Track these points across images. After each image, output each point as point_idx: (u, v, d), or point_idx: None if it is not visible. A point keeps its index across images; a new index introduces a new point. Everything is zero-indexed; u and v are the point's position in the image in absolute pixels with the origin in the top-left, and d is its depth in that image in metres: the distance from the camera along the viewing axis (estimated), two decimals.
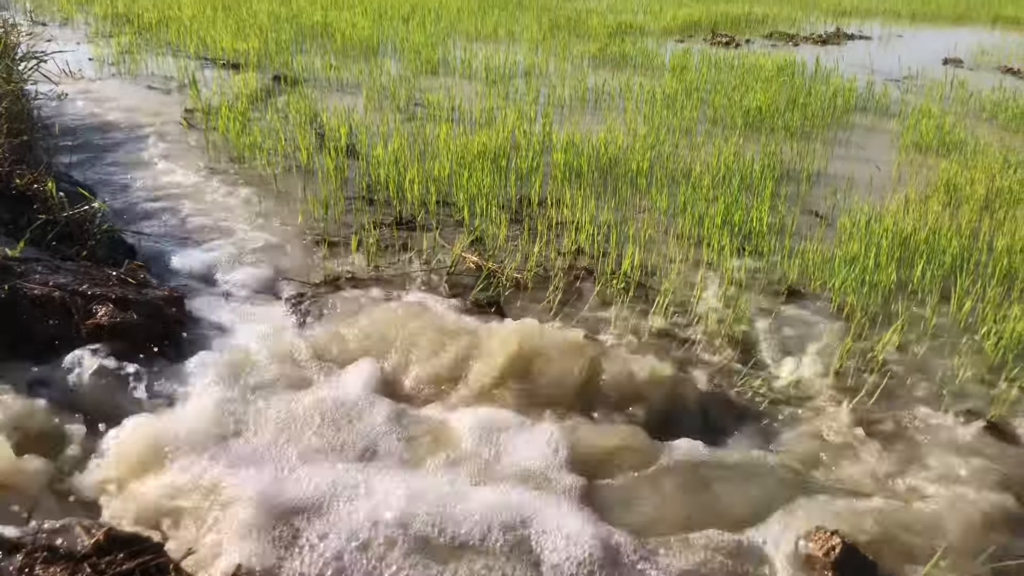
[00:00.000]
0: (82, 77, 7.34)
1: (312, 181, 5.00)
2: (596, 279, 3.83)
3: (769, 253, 4.21)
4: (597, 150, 5.65)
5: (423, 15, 11.21)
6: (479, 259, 3.86)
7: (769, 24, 12.59)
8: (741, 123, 6.58)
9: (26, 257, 2.87)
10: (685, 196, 4.77)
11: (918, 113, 7.08)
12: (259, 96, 6.92)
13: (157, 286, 3.11)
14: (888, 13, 14.60)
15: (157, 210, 4.34)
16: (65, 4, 10.93)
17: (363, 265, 3.85)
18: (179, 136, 5.78)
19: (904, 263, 4.08)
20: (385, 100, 7.04)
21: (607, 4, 13.58)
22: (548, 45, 9.76)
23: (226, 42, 8.75)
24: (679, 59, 9.01)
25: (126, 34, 9.24)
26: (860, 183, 5.40)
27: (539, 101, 7.23)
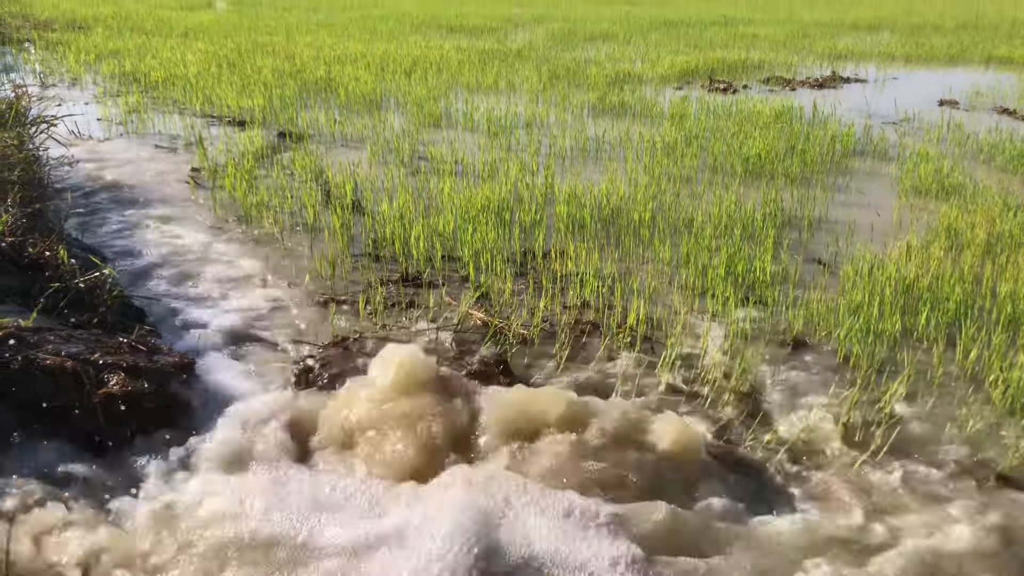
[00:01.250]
0: (90, 138, 7.46)
1: (319, 239, 5.06)
2: (602, 333, 3.85)
3: (773, 303, 4.23)
4: (599, 201, 5.72)
5: (425, 69, 11.40)
6: (485, 316, 3.89)
7: (766, 69, 12.76)
8: (741, 170, 6.65)
9: (39, 327, 2.91)
10: (688, 247, 4.81)
11: (916, 157, 7.15)
12: (264, 153, 7.02)
13: (167, 352, 3.14)
14: (883, 55, 14.80)
15: (165, 272, 4.39)
16: (74, 65, 11.14)
17: (371, 324, 3.88)
18: (186, 195, 5.86)
19: (908, 311, 4.10)
20: (389, 154, 7.14)
21: (605, 54, 13.80)
22: (548, 95, 9.91)
23: (231, 99, 8.90)
24: (677, 107, 9.14)
25: (133, 93, 9.40)
26: (861, 229, 5.44)
27: (541, 152, 7.32)
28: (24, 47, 13.10)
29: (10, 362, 2.65)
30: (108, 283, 3.58)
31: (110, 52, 12.32)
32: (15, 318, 2.90)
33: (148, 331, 3.34)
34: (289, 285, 4.33)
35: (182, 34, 14.73)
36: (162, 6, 20.43)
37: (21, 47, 13.11)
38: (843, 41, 16.81)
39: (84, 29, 15.30)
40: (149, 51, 12.37)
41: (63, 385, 2.69)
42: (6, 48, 13.10)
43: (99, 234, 4.96)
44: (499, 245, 4.90)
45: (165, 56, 11.74)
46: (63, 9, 18.48)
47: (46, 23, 16.09)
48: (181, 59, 11.45)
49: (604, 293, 4.29)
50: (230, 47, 12.88)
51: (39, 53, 12.44)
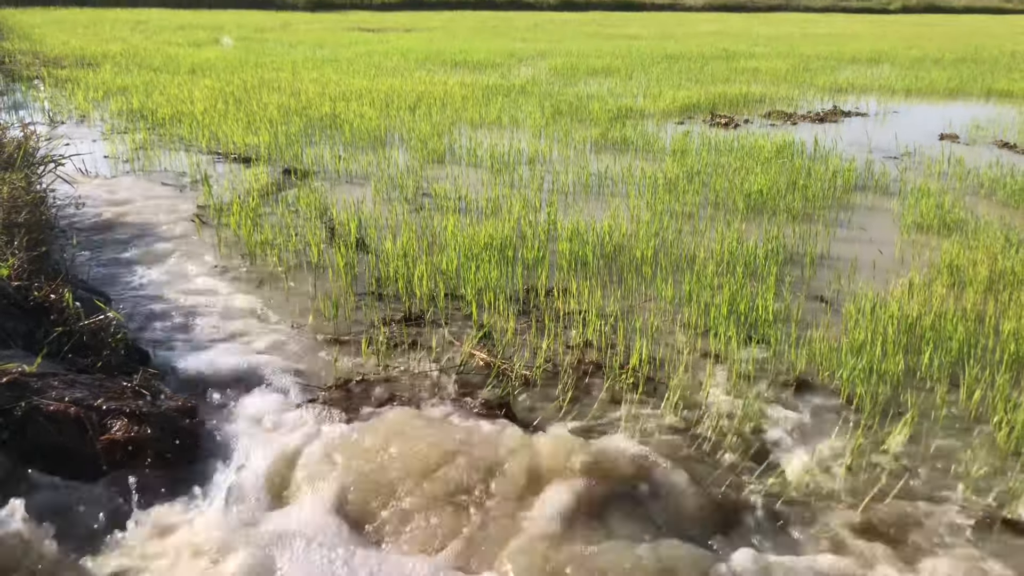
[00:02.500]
0: (97, 176, 7.54)
1: (322, 278, 5.08)
2: (605, 374, 3.85)
3: (776, 342, 4.23)
4: (601, 238, 5.75)
5: (429, 104, 11.51)
6: (488, 356, 3.90)
7: (767, 103, 12.87)
8: (743, 206, 6.68)
9: (43, 372, 2.92)
10: (690, 285, 4.83)
11: (917, 192, 7.18)
12: (270, 190, 7.08)
13: (171, 396, 3.15)
14: (883, 89, 14.91)
15: (170, 313, 4.41)
16: (82, 102, 11.28)
17: (373, 365, 3.89)
18: (191, 234, 5.91)
19: (911, 350, 4.10)
20: (393, 191, 7.19)
21: (607, 88, 13.93)
22: (551, 131, 9.99)
23: (237, 136, 9.00)
24: (679, 142, 9.20)
25: (140, 130, 9.51)
26: (864, 265, 5.45)
27: (543, 188, 7.37)
28: (34, 84, 13.27)
29: (13, 408, 2.66)
30: (112, 326, 3.60)
31: (118, 89, 12.47)
32: (20, 363, 2.92)
33: (152, 374, 3.35)
34: (292, 325, 4.34)
35: (189, 71, 14.91)
36: (170, 43, 20.70)
37: (31, 84, 13.29)
38: (844, 74, 16.95)
39: (93, 66, 15.50)
40: (157, 87, 12.53)
41: (66, 431, 2.70)
42: (16, 85, 13.28)
43: (104, 273, 5.00)
44: (502, 283, 4.93)
45: (172, 93, 11.88)
46: (73, 47, 18.73)
47: (56, 60, 16.31)
48: (188, 96, 11.59)
49: (607, 332, 4.30)
50: (236, 83, 13.03)
51: (48, 90, 12.60)
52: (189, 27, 27.12)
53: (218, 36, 23.77)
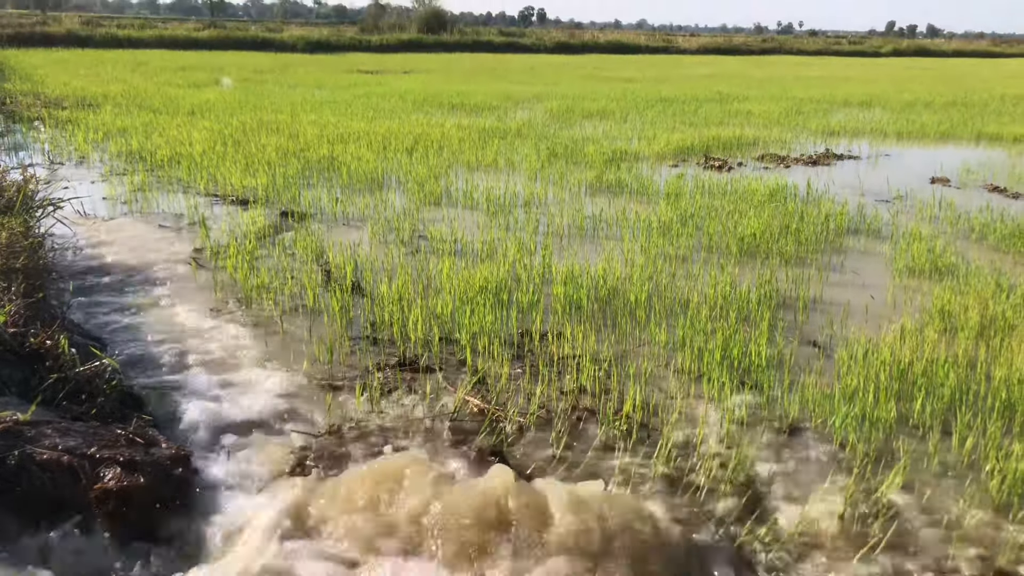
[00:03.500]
0: (95, 217, 7.59)
1: (318, 322, 5.10)
2: (599, 421, 3.86)
3: (769, 388, 4.25)
4: (596, 281, 5.78)
5: (426, 147, 11.63)
6: (482, 403, 3.91)
7: (760, 146, 13.02)
8: (736, 250, 6.74)
9: (37, 420, 2.93)
10: (683, 330, 4.86)
11: (909, 236, 7.26)
12: (267, 233, 7.13)
13: (165, 444, 3.15)
14: (875, 132, 15.10)
15: (165, 358, 4.42)
16: (82, 143, 11.38)
17: (367, 411, 3.89)
18: (188, 277, 5.93)
19: (903, 397, 4.12)
20: (390, 233, 7.24)
21: (603, 131, 14.09)
22: (546, 174, 10.08)
23: (235, 178, 9.07)
24: (673, 185, 9.30)
25: (139, 172, 9.59)
26: (856, 310, 5.49)
27: (539, 231, 7.43)
28: (34, 126, 13.38)
29: (7, 457, 2.66)
30: (107, 372, 3.61)
31: (118, 130, 12.59)
32: (14, 411, 2.92)
33: (146, 421, 3.36)
34: (287, 370, 4.35)
35: (189, 112, 15.06)
36: (170, 84, 20.92)
37: (31, 125, 13.40)
38: (836, 118, 17.17)
39: (94, 107, 15.65)
40: (156, 129, 12.64)
41: (59, 480, 2.70)
42: (17, 126, 13.40)
43: (100, 318, 5.01)
44: (496, 327, 4.95)
45: (172, 134, 11.99)
46: (74, 87, 18.93)
47: (56, 101, 16.47)
48: (187, 137, 11.70)
49: (601, 377, 4.32)
50: (235, 125, 13.16)
51: (48, 131, 12.71)
52: (189, 68, 27.44)
53: (218, 77, 24.05)
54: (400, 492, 2.97)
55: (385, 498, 2.95)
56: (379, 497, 2.96)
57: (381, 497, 2.96)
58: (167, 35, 45.51)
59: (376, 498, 2.96)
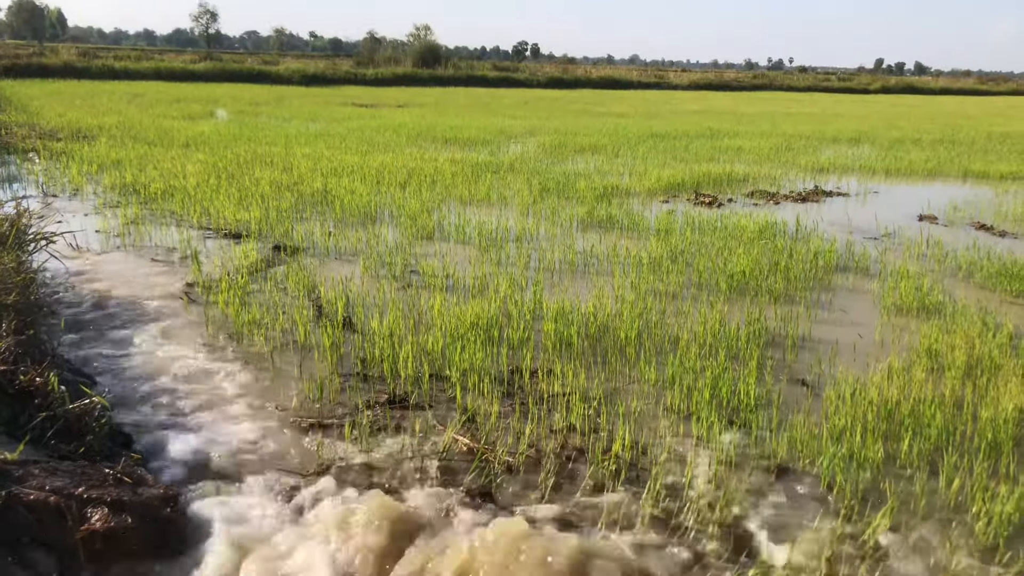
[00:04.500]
0: (88, 251, 7.60)
1: (308, 358, 5.11)
2: (588, 460, 3.87)
3: (757, 427, 4.26)
4: (586, 318, 5.81)
5: (419, 181, 11.71)
6: (471, 442, 3.92)
7: (750, 183, 13.15)
8: (726, 287, 6.79)
9: (24, 460, 2.92)
10: (673, 368, 4.88)
11: (897, 274, 7.33)
12: (259, 267, 7.15)
13: (152, 483, 3.14)
14: (864, 169, 15.27)
15: (154, 395, 4.42)
16: (76, 176, 11.42)
17: (357, 451, 3.89)
18: (179, 312, 5.94)
19: (891, 437, 4.14)
20: (382, 268, 7.27)
21: (594, 166, 14.22)
22: (538, 208, 10.16)
23: (229, 212, 9.11)
24: (664, 221, 9.38)
25: (132, 205, 9.62)
26: (844, 349, 5.53)
27: (530, 266, 7.48)
28: (29, 157, 13.43)
29: None
30: (96, 410, 3.61)
31: (112, 162, 12.64)
32: (2, 450, 2.92)
33: (135, 459, 3.35)
34: (277, 408, 4.35)
35: (184, 144, 15.15)
36: (165, 116, 21.05)
37: (26, 157, 13.45)
38: (825, 154, 17.37)
39: (89, 139, 15.72)
40: (150, 161, 12.71)
41: (46, 521, 2.69)
42: (11, 158, 13.44)
43: (90, 353, 5.01)
44: (487, 365, 4.96)
45: (166, 167, 12.05)
46: (69, 119, 19.02)
47: (52, 132, 16.55)
48: (181, 170, 11.76)
49: (590, 415, 4.33)
50: (230, 158, 13.24)
51: (43, 163, 12.76)
52: (185, 100, 27.63)
53: (213, 110, 24.23)
54: (383, 534, 2.96)
55: (369, 541, 2.95)
56: (363, 537, 2.96)
57: (366, 538, 2.96)
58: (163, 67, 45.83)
59: (360, 539, 2.95)
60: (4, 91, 28.54)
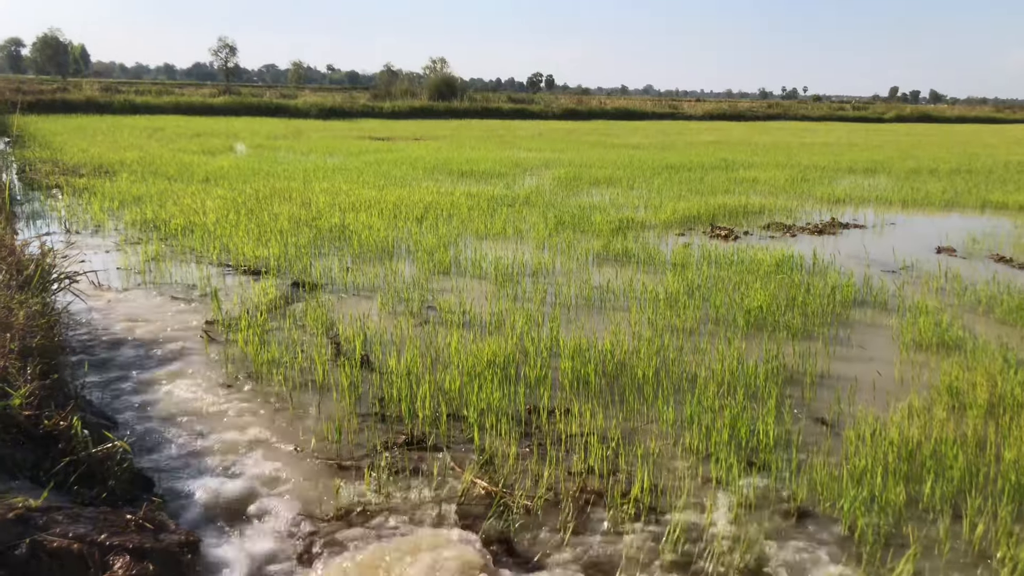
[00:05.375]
0: (110, 288, 7.70)
1: (327, 397, 5.14)
2: (606, 504, 3.85)
3: (777, 469, 4.24)
4: (603, 356, 5.81)
5: (436, 216, 11.80)
6: (489, 485, 3.91)
7: (766, 215, 13.15)
8: (743, 323, 6.77)
9: (48, 506, 2.96)
10: (691, 407, 4.86)
11: (915, 309, 7.29)
12: (278, 304, 7.21)
13: (174, 529, 3.16)
14: (880, 200, 15.24)
15: (175, 437, 4.45)
16: (97, 212, 11.59)
17: (375, 494, 3.90)
18: (200, 350, 5.99)
19: (912, 479, 4.10)
20: (399, 304, 7.31)
21: (609, 199, 14.28)
22: (554, 242, 10.20)
23: (248, 248, 9.21)
24: (680, 255, 9.39)
25: (153, 241, 9.74)
26: (864, 386, 5.50)
27: (546, 302, 7.50)
28: (52, 193, 13.66)
29: (18, 546, 2.68)
30: (118, 454, 3.64)
31: (133, 198, 12.83)
32: (26, 496, 2.95)
33: (156, 504, 3.38)
34: (296, 449, 4.37)
35: (203, 179, 15.35)
36: (185, 151, 21.35)
37: (49, 193, 13.67)
38: (841, 185, 17.36)
39: (110, 174, 15.97)
40: (171, 197, 12.88)
41: (69, 569, 2.72)
42: (36, 194, 13.67)
43: (112, 394, 5.06)
44: (504, 404, 4.97)
45: (186, 203, 12.20)
46: (91, 154, 19.34)
47: (74, 168, 16.82)
48: (201, 206, 11.90)
49: (609, 457, 4.32)
50: (249, 193, 13.40)
51: (66, 199, 12.96)
52: (204, 134, 28.03)
53: (232, 144, 24.56)
54: None
55: None
56: None
57: None
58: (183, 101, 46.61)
59: None
60: (29, 127, 29.06)
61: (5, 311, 4.50)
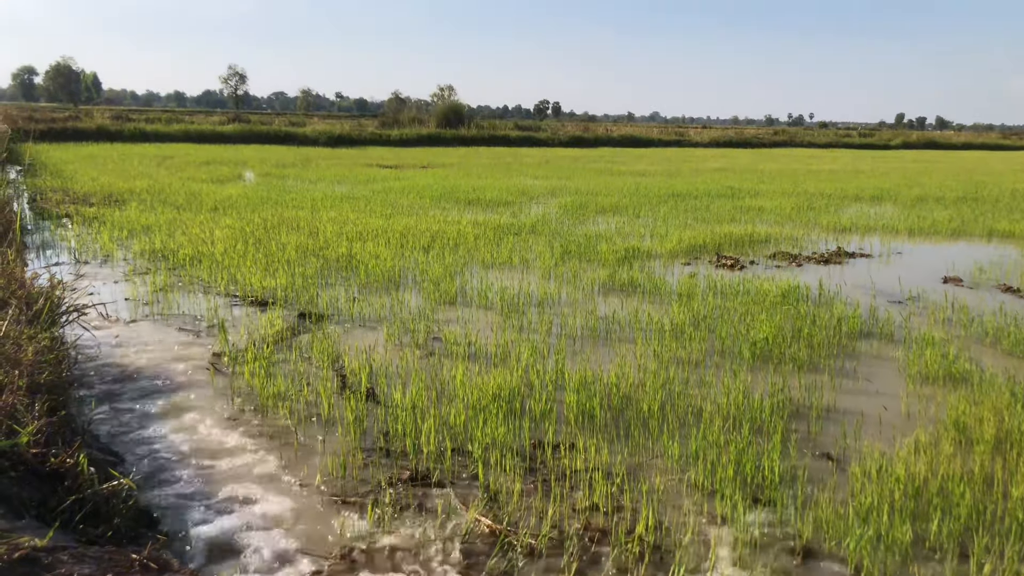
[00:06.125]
0: (117, 320, 7.75)
1: (332, 432, 5.15)
2: (611, 543, 3.84)
3: (782, 506, 4.22)
4: (608, 389, 5.81)
5: (442, 245, 11.86)
6: (493, 523, 3.91)
7: (772, 244, 13.16)
8: (749, 355, 6.77)
9: (54, 546, 2.96)
10: (696, 442, 4.86)
11: (922, 341, 7.27)
12: (284, 336, 7.24)
13: (178, 568, 3.17)
14: (886, 229, 15.24)
15: (180, 472, 4.46)
16: (107, 242, 11.68)
17: (379, 531, 3.90)
18: (206, 383, 6.02)
19: (919, 517, 4.08)
20: (405, 335, 7.34)
21: (615, 227, 14.32)
22: (560, 271, 10.23)
23: (255, 279, 9.26)
24: (686, 285, 9.40)
25: (161, 271, 9.81)
26: (870, 421, 5.48)
27: (552, 333, 7.51)
28: (62, 223, 13.78)
29: None
30: (124, 492, 3.65)
31: (142, 228, 12.93)
32: (32, 536, 2.97)
33: (161, 541, 3.38)
34: (301, 485, 4.38)
35: (212, 208, 15.46)
36: (194, 179, 21.52)
37: (60, 223, 13.80)
38: (847, 213, 17.38)
39: (120, 203, 16.11)
40: (179, 226, 12.98)
41: None
42: (46, 223, 13.79)
43: (117, 428, 5.08)
44: (509, 439, 4.97)
45: (194, 232, 12.30)
46: (101, 183, 19.51)
47: (84, 197, 16.97)
48: (209, 236, 11.99)
49: (613, 493, 4.31)
50: (257, 222, 13.49)
51: (76, 229, 13.08)
52: (214, 163, 28.24)
53: (241, 172, 24.76)
54: None
55: None
56: None
57: None
58: (193, 129, 47.01)
59: None
60: (40, 155, 29.34)
61: (14, 347, 4.54)
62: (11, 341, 4.62)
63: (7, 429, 3.59)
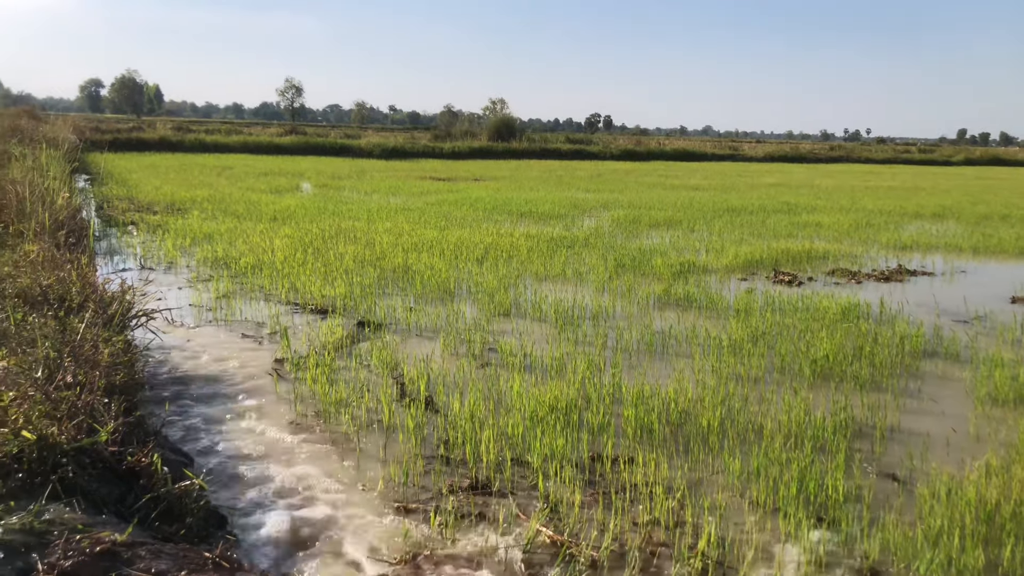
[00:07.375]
0: (182, 325, 7.95)
1: (392, 439, 5.21)
2: (673, 558, 3.82)
3: (847, 526, 4.15)
4: (667, 404, 5.78)
5: (496, 257, 11.92)
6: (555, 534, 3.91)
7: (830, 260, 12.95)
8: (809, 372, 6.67)
9: (132, 541, 3.06)
10: (758, 460, 4.80)
11: (990, 361, 7.08)
12: (344, 343, 7.36)
13: (248, 568, 3.24)
14: (949, 247, 14.88)
15: (247, 475, 4.56)
16: (170, 249, 12.00)
17: (441, 539, 3.93)
18: (269, 388, 6.14)
19: (992, 542, 3.97)
20: (461, 346, 7.39)
21: (669, 242, 14.24)
22: (614, 285, 10.21)
23: (315, 287, 9.42)
24: (743, 300, 9.30)
25: (223, 279, 10.04)
26: (936, 442, 5.36)
27: (607, 346, 7.49)
28: (127, 230, 14.20)
29: None
30: (195, 491, 3.75)
31: (204, 236, 13.25)
32: (112, 531, 3.06)
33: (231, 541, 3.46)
34: (363, 489, 4.44)
35: (271, 218, 15.78)
36: (253, 189, 21.98)
37: (125, 230, 14.22)
38: (908, 231, 17.01)
39: (182, 212, 16.54)
40: (240, 235, 13.27)
41: None
42: (112, 230, 14.23)
43: (186, 430, 5.22)
44: (567, 451, 4.97)
45: (254, 241, 12.56)
46: (164, 192, 20.06)
47: (148, 206, 17.47)
48: (269, 245, 12.24)
49: (674, 508, 4.28)
50: (315, 232, 13.72)
51: (141, 236, 13.46)
52: (271, 173, 28.81)
53: (298, 183, 25.22)
54: None
55: None
56: None
57: None
58: (251, 140, 48.03)
59: None
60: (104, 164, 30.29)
61: (92, 348, 4.70)
62: (89, 343, 4.79)
63: (88, 427, 3.72)
